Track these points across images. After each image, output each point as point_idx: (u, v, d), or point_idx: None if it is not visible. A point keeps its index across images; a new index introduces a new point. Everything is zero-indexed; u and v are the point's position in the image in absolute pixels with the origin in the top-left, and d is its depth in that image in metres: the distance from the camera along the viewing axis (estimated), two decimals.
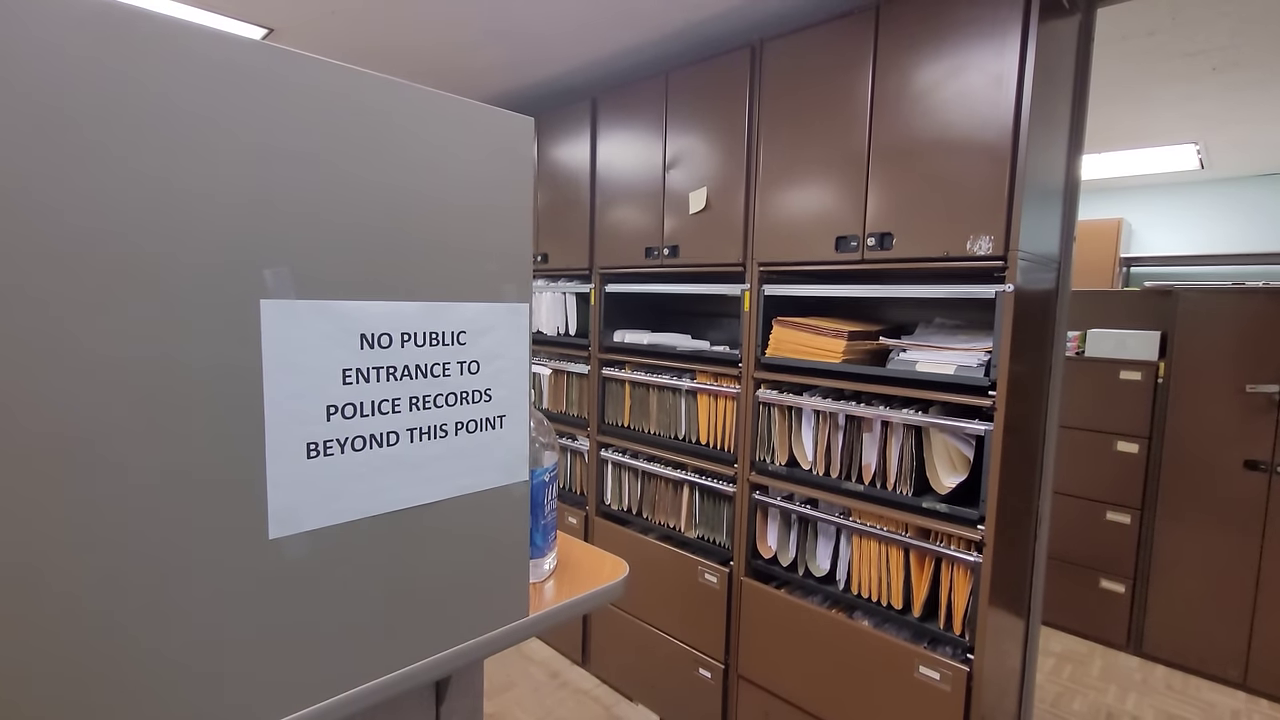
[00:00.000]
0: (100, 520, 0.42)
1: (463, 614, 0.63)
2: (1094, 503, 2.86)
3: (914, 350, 1.61)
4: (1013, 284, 1.38)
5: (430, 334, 0.58)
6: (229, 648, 0.48)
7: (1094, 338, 2.87)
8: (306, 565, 0.51)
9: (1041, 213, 1.54)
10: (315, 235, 0.50)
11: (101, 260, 0.41)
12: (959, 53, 1.43)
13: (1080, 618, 2.92)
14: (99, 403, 0.41)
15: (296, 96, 0.48)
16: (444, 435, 0.60)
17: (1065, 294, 1.73)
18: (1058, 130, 1.60)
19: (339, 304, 0.52)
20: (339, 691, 0.55)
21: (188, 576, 0.45)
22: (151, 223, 0.42)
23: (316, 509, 0.51)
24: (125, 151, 0.41)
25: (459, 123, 0.59)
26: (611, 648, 2.48)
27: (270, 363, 0.48)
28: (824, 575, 1.81)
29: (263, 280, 0.47)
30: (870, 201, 1.59)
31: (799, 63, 1.73)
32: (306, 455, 0.51)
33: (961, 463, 1.54)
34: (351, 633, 0.55)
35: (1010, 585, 1.64)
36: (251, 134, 0.46)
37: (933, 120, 1.47)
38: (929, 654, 1.55)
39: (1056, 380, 1.74)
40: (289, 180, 0.48)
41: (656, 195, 2.13)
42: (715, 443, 2.04)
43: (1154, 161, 3.43)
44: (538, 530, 0.78)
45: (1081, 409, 2.86)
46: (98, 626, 0.42)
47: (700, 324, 2.53)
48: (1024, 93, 1.34)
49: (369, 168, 0.53)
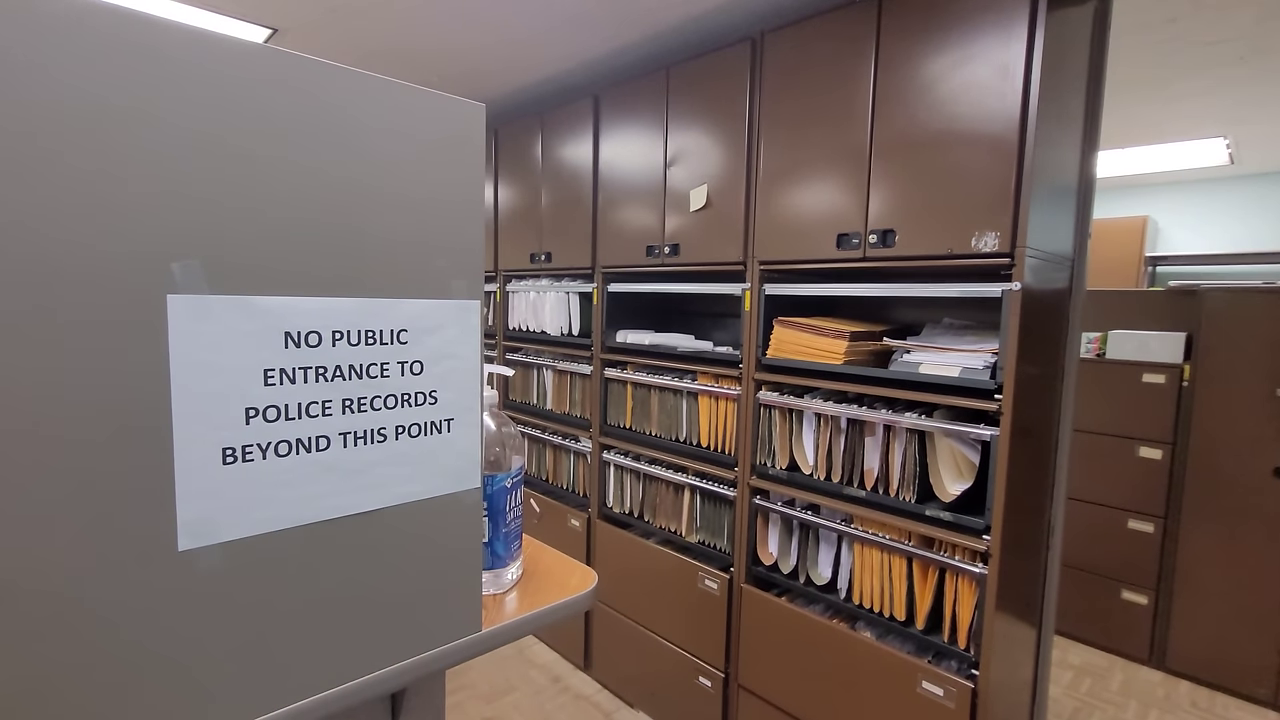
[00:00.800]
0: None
1: (408, 629, 0.60)
2: (1115, 510, 2.76)
3: (918, 351, 1.55)
4: (1020, 282, 1.31)
5: (366, 332, 0.55)
6: (136, 665, 0.45)
7: (1115, 339, 2.77)
8: (224, 579, 0.48)
9: (1053, 209, 1.47)
10: (233, 226, 0.47)
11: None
12: (964, 42, 1.37)
13: (1100, 630, 2.81)
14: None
15: (213, 77, 0.45)
16: (383, 440, 0.56)
17: (1080, 294, 1.65)
18: (1070, 122, 1.53)
19: (260, 299, 0.48)
20: (266, 711, 0.51)
21: (87, 589, 0.42)
22: (39, 210, 0.39)
23: (235, 519, 0.48)
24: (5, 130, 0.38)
25: (401, 109, 0.56)
26: (613, 653, 2.44)
27: (178, 362, 0.45)
28: (825, 584, 1.75)
29: (170, 274, 0.44)
30: (872, 197, 1.54)
31: (800, 55, 1.68)
32: (223, 461, 0.47)
33: (967, 469, 1.48)
34: (279, 649, 0.52)
35: (1020, 596, 1.57)
36: (161, 116, 0.43)
37: (937, 113, 1.41)
38: (932, 669, 1.49)
39: (1070, 383, 1.67)
40: (204, 166, 0.45)
41: (658, 193, 2.09)
42: (716, 445, 2.00)
43: (1180, 157, 3.30)
44: (499, 539, 0.75)
45: (1102, 413, 2.76)
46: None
47: (705, 325, 2.48)
48: (1032, 82, 1.27)
49: (297, 154, 0.50)
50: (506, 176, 2.79)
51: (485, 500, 0.73)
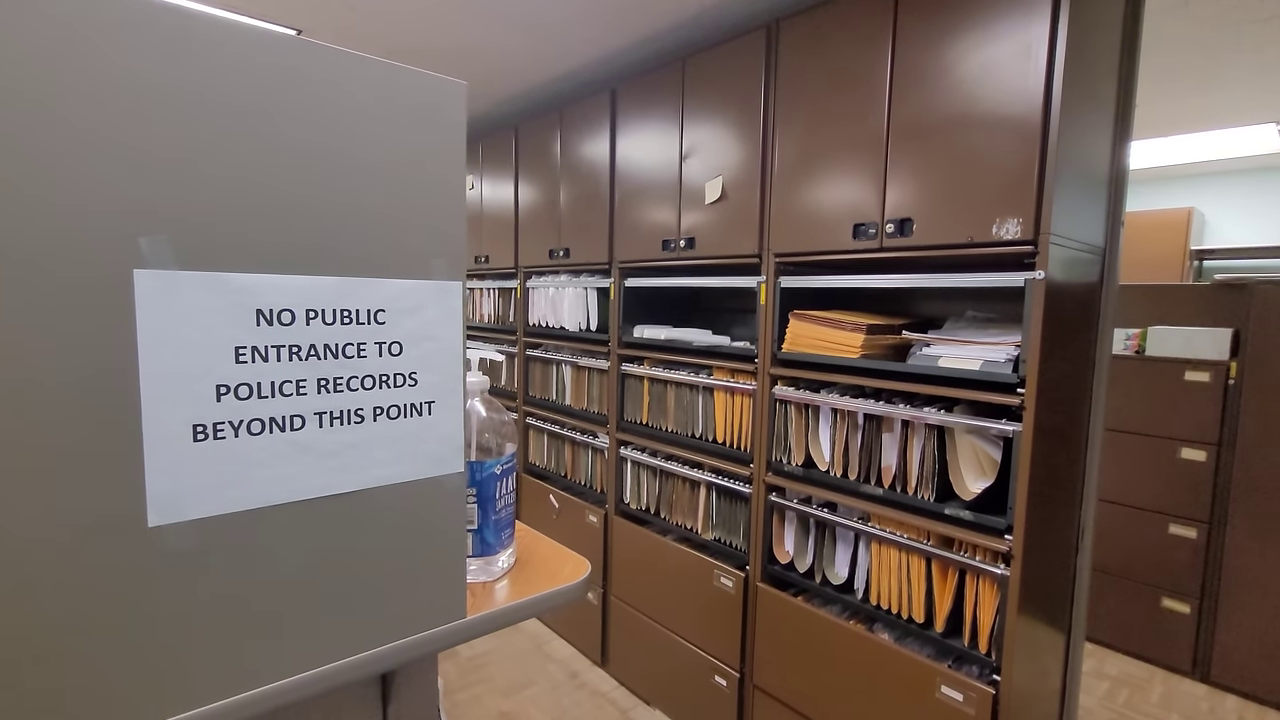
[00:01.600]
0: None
1: (390, 613, 0.59)
2: (1154, 514, 2.64)
3: (938, 345, 1.50)
4: (1044, 271, 1.26)
5: (342, 311, 0.54)
6: (108, 638, 0.45)
7: (1156, 335, 2.65)
8: (194, 556, 0.48)
9: (1081, 196, 1.41)
10: (201, 201, 0.47)
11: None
12: (984, 21, 1.31)
13: (1139, 639, 2.70)
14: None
15: (181, 48, 0.45)
16: (359, 421, 0.56)
17: (1112, 285, 1.58)
18: (1101, 105, 1.46)
19: (231, 276, 0.48)
20: (245, 688, 0.51)
21: (57, 560, 0.43)
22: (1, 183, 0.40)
23: (206, 496, 0.48)
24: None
25: (379, 85, 0.55)
26: (630, 650, 2.43)
27: (146, 338, 0.45)
28: (842, 583, 1.71)
29: (138, 249, 0.44)
30: (889, 186, 1.49)
31: (816, 41, 1.64)
32: (193, 438, 0.47)
33: (989, 466, 1.43)
34: (251, 630, 0.51)
35: (1046, 599, 1.51)
36: (127, 87, 0.43)
37: (956, 95, 1.37)
38: (952, 673, 1.44)
39: (1101, 379, 1.59)
40: (173, 140, 0.45)
41: (673, 186, 2.07)
42: (732, 441, 1.97)
43: (1228, 144, 3.15)
44: (488, 526, 0.74)
45: (1140, 412, 2.64)
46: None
47: (723, 319, 2.46)
48: (1056, 61, 1.22)
49: (271, 129, 0.50)
50: (526, 174, 2.80)
51: (474, 487, 0.73)
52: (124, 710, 0.46)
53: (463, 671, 2.58)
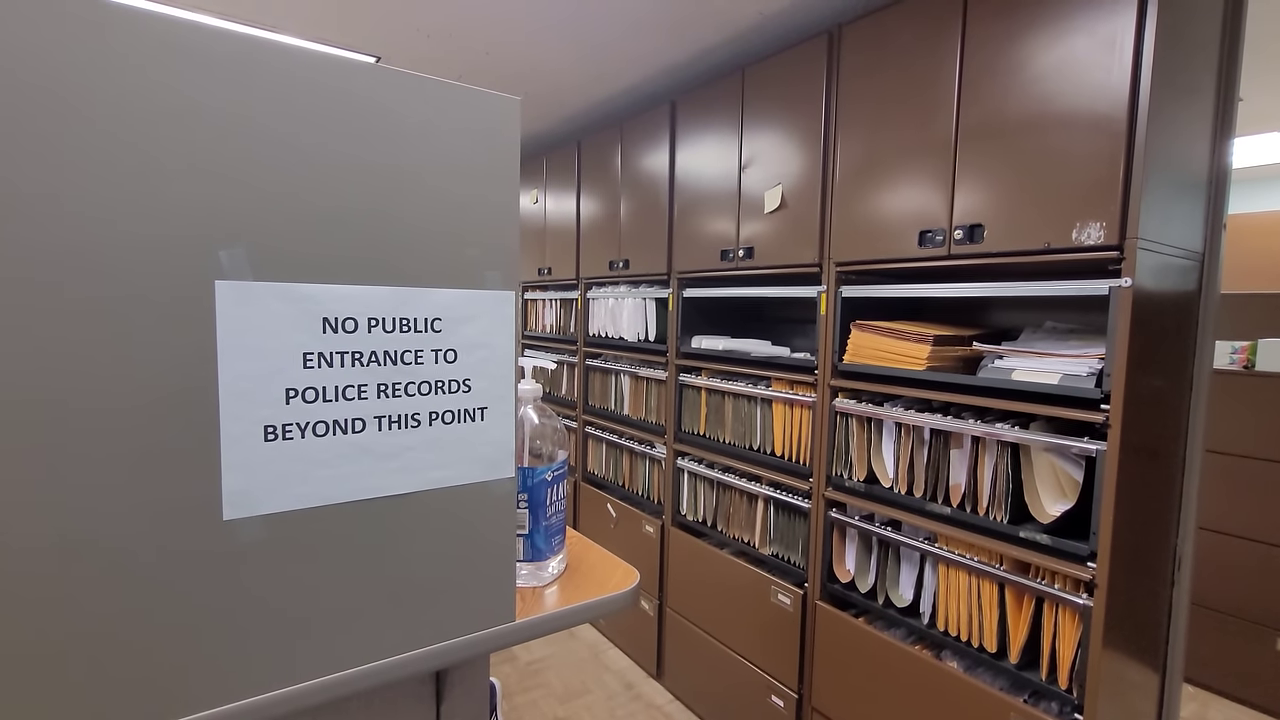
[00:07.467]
0: (54, 484, 0.43)
1: (441, 613, 0.61)
2: (1267, 546, 2.39)
3: (1012, 357, 1.42)
4: (1130, 278, 1.17)
5: (401, 320, 0.57)
6: (180, 625, 0.48)
7: (1267, 348, 2.41)
8: (263, 550, 0.51)
9: (1175, 198, 1.31)
10: (277, 217, 0.50)
11: (41, 236, 0.42)
12: (1062, 13, 1.25)
13: (1249, 683, 2.43)
14: (42, 377, 0.43)
15: (256, 75, 0.49)
16: (416, 425, 0.58)
17: (1212, 294, 1.45)
18: (1199, 99, 1.35)
19: (300, 286, 0.51)
20: (304, 679, 0.54)
21: (139, 549, 0.46)
22: (98, 199, 0.44)
23: (275, 493, 0.51)
24: (67, 123, 0.43)
25: (437, 104, 0.58)
26: (685, 663, 2.40)
27: (225, 343, 0.48)
28: (907, 606, 1.63)
29: (218, 261, 0.48)
30: (958, 190, 1.43)
31: (880, 45, 1.60)
32: (264, 438, 0.51)
33: (1070, 487, 1.33)
34: (312, 622, 0.54)
35: (1136, 634, 1.39)
36: (209, 112, 0.47)
37: (1030, 94, 1.30)
38: (1029, 708, 1.34)
39: (1201, 396, 1.46)
40: (250, 160, 0.49)
41: (732, 196, 2.06)
42: (790, 455, 1.92)
43: None
44: (538, 532, 0.75)
45: (1249, 433, 2.40)
46: (51, 590, 0.44)
47: (783, 330, 2.41)
48: (1144, 54, 1.14)
49: (337, 148, 0.53)
50: (589, 187, 2.85)
51: (525, 493, 0.74)
52: (197, 691, 0.49)
53: (521, 676, 2.62)
